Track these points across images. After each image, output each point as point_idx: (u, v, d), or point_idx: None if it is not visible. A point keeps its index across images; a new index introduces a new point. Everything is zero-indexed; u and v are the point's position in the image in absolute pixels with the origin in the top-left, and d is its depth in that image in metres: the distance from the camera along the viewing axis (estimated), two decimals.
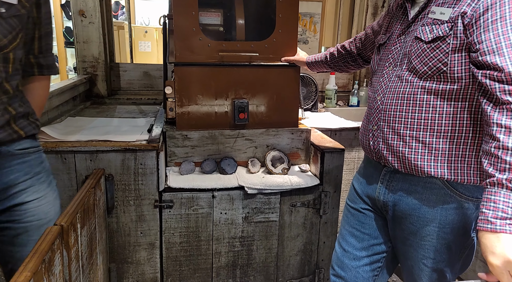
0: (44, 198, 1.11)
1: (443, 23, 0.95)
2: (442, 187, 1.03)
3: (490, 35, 0.88)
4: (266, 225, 1.64)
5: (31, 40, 1.10)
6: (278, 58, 1.66)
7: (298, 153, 1.74)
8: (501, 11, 0.87)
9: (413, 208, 1.08)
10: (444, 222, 1.05)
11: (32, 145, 1.10)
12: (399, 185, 1.10)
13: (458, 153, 1.00)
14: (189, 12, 1.55)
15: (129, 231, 1.54)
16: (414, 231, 1.09)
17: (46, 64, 1.14)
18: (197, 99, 1.64)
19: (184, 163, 1.63)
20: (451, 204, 1.03)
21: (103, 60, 2.36)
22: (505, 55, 0.85)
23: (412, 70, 1.01)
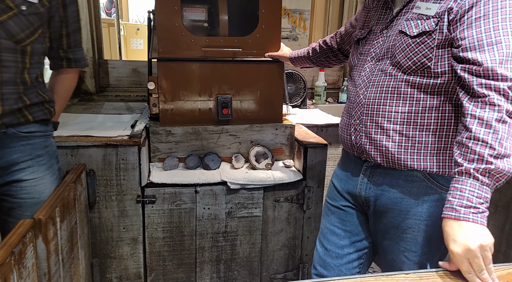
0: (41, 179, 1.20)
1: (429, 18, 0.95)
2: (423, 179, 1.04)
3: (473, 32, 0.89)
4: (250, 220, 1.64)
5: (59, 37, 1.23)
6: (262, 53, 1.66)
7: (282, 149, 1.75)
8: (485, 9, 0.89)
9: (394, 202, 1.08)
10: (426, 214, 1.05)
11: (39, 130, 1.21)
12: (381, 180, 1.10)
13: (441, 146, 1.01)
14: (171, 7, 1.55)
15: (111, 226, 1.55)
16: (395, 224, 1.10)
17: (74, 58, 1.29)
18: (181, 94, 1.64)
19: (168, 159, 1.64)
20: (432, 196, 1.04)
21: (91, 56, 2.36)
22: (486, 52, 0.86)
23: (396, 64, 1.01)
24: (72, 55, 1.28)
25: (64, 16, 1.21)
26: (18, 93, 1.12)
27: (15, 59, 1.09)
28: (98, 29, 2.44)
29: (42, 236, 1.07)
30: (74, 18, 1.25)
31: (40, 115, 1.20)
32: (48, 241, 1.09)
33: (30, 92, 1.16)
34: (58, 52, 1.26)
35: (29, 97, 1.15)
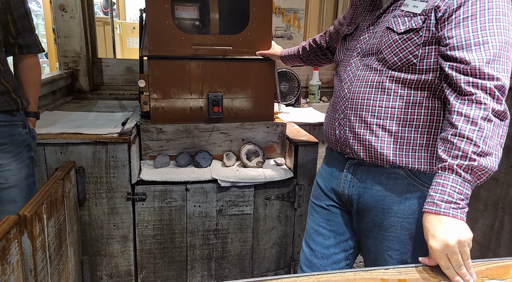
0: (6, 166, 1.22)
1: (416, 15, 0.96)
2: (406, 177, 1.04)
3: (461, 31, 0.90)
4: (241, 218, 1.64)
5: (6, 23, 1.22)
6: (253, 51, 1.66)
7: (273, 147, 1.75)
8: (473, 9, 0.90)
9: (377, 199, 1.08)
10: (408, 212, 1.06)
11: (4, 120, 1.22)
12: (364, 177, 1.10)
13: (423, 142, 1.01)
14: (162, 5, 1.55)
15: (101, 223, 1.55)
16: (378, 223, 1.09)
17: (25, 44, 1.27)
18: (172, 92, 1.64)
19: (159, 157, 1.64)
20: (414, 193, 1.04)
21: (85, 55, 2.36)
22: (473, 51, 0.87)
23: (381, 60, 1.02)
24: (22, 41, 1.26)
25: (7, 2, 1.20)
26: None
27: None
28: (92, 28, 2.44)
29: (28, 232, 1.07)
30: (18, 4, 1.23)
31: (4, 106, 1.21)
32: (34, 237, 1.09)
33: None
34: (9, 40, 1.25)
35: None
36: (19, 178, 1.26)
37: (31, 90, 1.33)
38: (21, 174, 1.26)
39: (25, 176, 1.28)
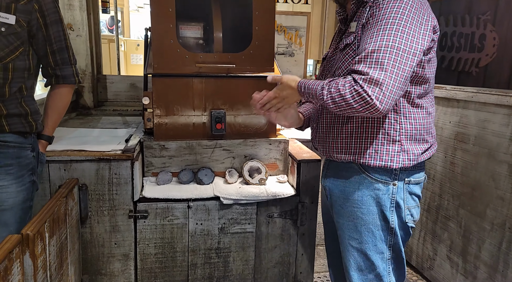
0: (6, 187, 1.23)
1: (350, 34, 1.18)
2: (358, 170, 1.23)
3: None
4: (243, 236, 1.63)
5: (45, 55, 1.31)
6: (255, 69, 1.68)
7: (276, 164, 1.75)
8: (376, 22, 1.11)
9: (341, 190, 1.27)
10: (360, 202, 1.22)
11: (15, 140, 1.25)
12: (332, 172, 1.31)
13: (362, 140, 1.20)
14: (167, 25, 1.58)
15: (103, 241, 1.53)
16: (342, 213, 1.27)
17: (62, 75, 1.36)
18: (175, 109, 1.65)
19: (161, 173, 1.64)
20: (365, 185, 1.22)
21: (90, 72, 2.39)
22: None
23: (333, 74, 1.24)
24: (59, 72, 1.35)
25: (47, 35, 1.29)
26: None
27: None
28: (98, 46, 2.49)
29: (30, 251, 1.06)
30: (59, 37, 1.32)
31: (18, 127, 1.25)
32: (36, 257, 1.08)
33: (9, 103, 1.23)
34: (48, 70, 1.35)
35: (7, 107, 1.23)
36: (16, 201, 1.26)
37: (53, 116, 1.39)
38: (18, 198, 1.26)
39: (22, 200, 1.28)
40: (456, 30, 2.33)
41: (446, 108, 2.05)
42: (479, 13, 2.17)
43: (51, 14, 1.28)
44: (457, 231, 1.97)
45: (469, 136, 1.89)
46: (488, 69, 2.12)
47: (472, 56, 2.22)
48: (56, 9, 1.29)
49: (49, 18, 1.27)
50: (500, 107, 1.70)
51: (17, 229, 1.27)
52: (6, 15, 1.17)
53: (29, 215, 1.33)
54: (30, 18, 1.22)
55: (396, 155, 1.17)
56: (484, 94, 1.77)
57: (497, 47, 2.06)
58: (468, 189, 1.89)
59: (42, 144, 1.38)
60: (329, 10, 2.80)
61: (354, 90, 1.02)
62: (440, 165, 2.10)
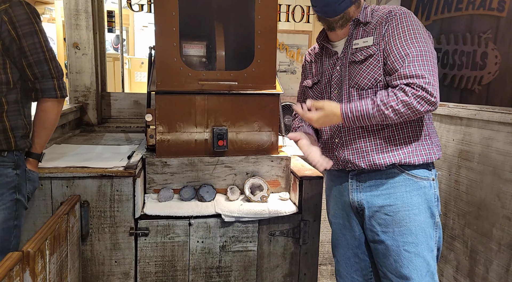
0: None
1: (369, 46, 1.27)
2: (400, 173, 1.27)
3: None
4: (244, 254, 1.61)
5: (22, 68, 1.27)
6: (257, 86, 1.70)
7: (278, 181, 1.74)
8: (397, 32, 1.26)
9: (383, 199, 1.27)
10: (411, 204, 1.25)
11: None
12: (367, 182, 1.31)
13: (406, 140, 1.26)
14: (171, 43, 1.61)
15: (103, 259, 1.52)
16: (389, 221, 1.27)
17: (41, 88, 1.31)
18: (177, 126, 1.66)
19: (163, 190, 1.63)
20: (411, 186, 1.26)
21: (94, 89, 2.43)
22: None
23: (355, 85, 1.29)
24: (40, 86, 1.30)
25: (21, 48, 1.23)
26: None
27: None
28: (103, 64, 2.53)
29: (30, 269, 1.05)
30: (35, 50, 1.25)
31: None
32: (36, 275, 1.07)
33: None
34: (28, 84, 1.30)
35: None
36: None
37: (40, 132, 1.34)
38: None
39: (3, 219, 1.24)
40: (457, 48, 2.35)
41: (449, 125, 2.04)
42: (480, 32, 2.19)
43: (24, 26, 1.22)
44: (463, 252, 1.93)
45: (473, 154, 1.87)
46: (491, 86, 2.13)
47: (474, 74, 2.23)
48: (30, 21, 1.23)
49: (21, 29, 1.21)
50: (504, 125, 1.69)
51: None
52: None
53: (13, 235, 1.29)
54: (1, 30, 1.17)
55: (430, 148, 1.28)
56: (487, 112, 1.77)
57: (499, 65, 2.07)
58: (474, 208, 1.86)
59: (30, 163, 1.34)
60: None
61: (419, 96, 1.14)
62: (445, 183, 2.07)
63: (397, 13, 1.26)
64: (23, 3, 1.24)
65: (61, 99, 1.36)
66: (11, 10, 1.20)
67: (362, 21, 1.31)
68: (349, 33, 1.33)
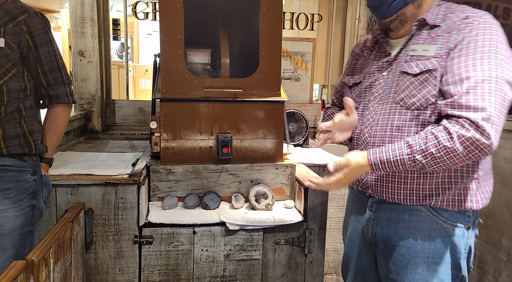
0: (4, 212, 1.22)
1: (429, 58, 1.02)
2: (428, 214, 1.05)
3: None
4: (249, 263, 1.59)
5: (37, 75, 1.32)
6: (262, 94, 1.69)
7: (282, 189, 1.73)
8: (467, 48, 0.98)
9: (401, 238, 1.08)
10: (433, 251, 1.05)
11: (13, 164, 1.25)
12: (386, 215, 1.11)
13: (445, 180, 1.04)
14: (176, 51, 1.61)
15: (107, 268, 1.50)
16: (404, 264, 1.08)
17: (55, 95, 1.36)
18: (182, 133, 1.66)
19: (167, 198, 1.62)
20: (438, 231, 1.05)
21: (99, 96, 2.44)
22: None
23: (399, 102, 1.06)
24: (52, 92, 1.35)
25: (38, 56, 1.29)
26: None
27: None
28: (108, 71, 2.55)
29: (34, 278, 1.04)
30: (50, 58, 1.32)
31: (16, 149, 1.25)
32: None
33: (7, 123, 1.24)
34: (41, 91, 1.35)
35: (4, 127, 1.23)
36: (14, 226, 1.25)
37: (51, 137, 1.38)
38: (16, 222, 1.25)
39: (20, 224, 1.27)
40: None
41: None
42: None
43: (40, 35, 1.28)
44: (472, 261, 1.90)
45: None
46: None
47: None
48: (45, 30, 1.29)
49: (38, 39, 1.27)
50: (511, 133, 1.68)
51: (15, 255, 1.25)
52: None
53: (28, 240, 1.31)
54: (20, 39, 1.23)
55: (474, 194, 1.04)
56: None
57: None
58: (482, 217, 1.84)
59: (43, 167, 1.38)
60: (334, 36, 2.85)
61: (468, 140, 0.89)
62: None
63: (474, 21, 0.98)
64: (38, 13, 1.30)
65: (71, 105, 1.42)
66: (29, 20, 1.26)
67: (429, 23, 1.06)
68: (410, 34, 1.09)
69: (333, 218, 2.06)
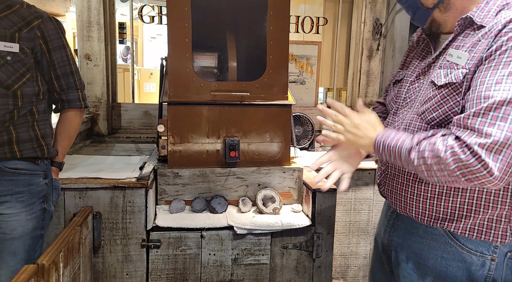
0: (15, 215, 1.22)
1: (459, 68, 0.88)
2: (443, 234, 0.96)
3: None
4: (257, 268, 1.58)
5: (50, 80, 1.33)
6: (269, 97, 1.69)
7: (290, 193, 1.72)
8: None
9: (414, 252, 1.02)
10: (445, 274, 0.96)
11: (26, 168, 1.26)
12: (404, 225, 1.06)
13: (471, 208, 0.92)
14: (183, 55, 1.62)
15: (114, 272, 1.50)
16: (415, 279, 1.02)
17: (67, 99, 1.37)
18: (189, 137, 1.66)
19: (174, 202, 1.62)
20: (452, 255, 0.95)
21: (105, 100, 2.45)
22: None
23: (421, 114, 0.95)
24: (65, 97, 1.36)
25: (51, 61, 1.30)
26: (5, 126, 1.22)
27: (5, 103, 1.21)
28: (114, 75, 2.55)
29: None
30: (63, 63, 1.33)
31: (29, 153, 1.26)
32: None
33: (19, 126, 1.25)
34: (54, 95, 1.36)
35: (17, 131, 1.24)
36: (25, 229, 1.25)
37: (63, 141, 1.39)
38: (28, 226, 1.26)
39: (32, 228, 1.27)
40: None
41: None
42: None
43: (54, 40, 1.29)
44: None
45: None
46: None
47: None
48: (58, 35, 1.30)
49: (51, 43, 1.29)
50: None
51: (26, 258, 1.26)
52: (11, 44, 1.20)
53: (39, 244, 1.31)
54: (34, 44, 1.25)
55: (503, 229, 0.91)
56: None
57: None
58: None
59: (53, 171, 1.38)
60: (340, 39, 2.85)
61: (460, 161, 0.77)
62: None
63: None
64: (52, 19, 1.31)
65: (83, 109, 1.43)
66: (43, 25, 1.27)
67: (476, 23, 0.88)
68: (454, 34, 0.93)
69: (339, 222, 2.05)
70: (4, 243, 1.20)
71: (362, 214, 2.07)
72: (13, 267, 1.20)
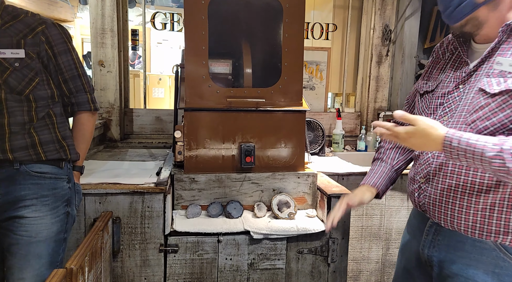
0: (41, 219, 1.25)
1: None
2: (494, 248, 0.93)
3: None
4: (273, 272, 1.59)
5: (59, 84, 1.34)
6: (284, 103, 1.72)
7: (304, 198, 1.74)
8: None
9: (460, 268, 0.97)
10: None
11: (51, 171, 1.29)
12: (446, 240, 1.01)
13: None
14: (200, 62, 1.65)
15: (133, 276, 1.52)
16: None
17: (77, 102, 1.38)
18: (205, 143, 1.68)
19: (191, 207, 1.64)
20: (505, 270, 0.92)
21: (118, 106, 2.48)
22: None
23: (470, 123, 0.92)
24: (74, 100, 1.37)
25: (57, 65, 1.31)
26: (26, 129, 1.24)
27: (21, 108, 1.24)
28: (126, 81, 2.59)
29: None
30: (69, 66, 1.34)
31: (53, 154, 1.28)
32: None
33: (40, 129, 1.27)
34: (64, 99, 1.37)
35: (38, 133, 1.27)
36: (49, 233, 1.27)
37: (81, 145, 1.40)
38: (52, 229, 1.27)
39: (56, 231, 1.29)
40: None
41: None
42: None
43: (59, 45, 1.30)
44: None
45: None
46: None
47: None
48: (63, 40, 1.32)
49: (57, 48, 1.30)
50: None
51: (50, 261, 1.28)
52: (17, 50, 1.22)
53: (62, 248, 1.33)
54: (39, 49, 1.26)
55: None
56: None
57: None
58: None
59: (75, 175, 1.40)
60: (349, 45, 2.88)
61: None
62: None
63: None
64: (56, 24, 1.33)
65: (94, 112, 1.44)
66: (47, 30, 1.29)
67: None
68: (497, 40, 0.93)
69: (352, 227, 2.06)
70: (30, 246, 1.22)
71: (374, 219, 2.08)
72: (38, 270, 1.22)
